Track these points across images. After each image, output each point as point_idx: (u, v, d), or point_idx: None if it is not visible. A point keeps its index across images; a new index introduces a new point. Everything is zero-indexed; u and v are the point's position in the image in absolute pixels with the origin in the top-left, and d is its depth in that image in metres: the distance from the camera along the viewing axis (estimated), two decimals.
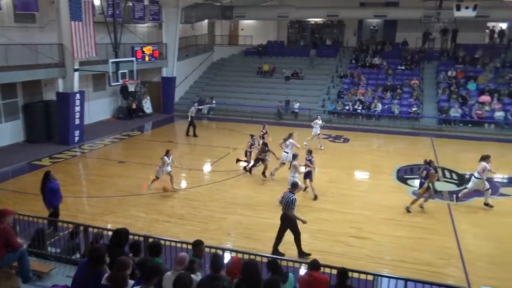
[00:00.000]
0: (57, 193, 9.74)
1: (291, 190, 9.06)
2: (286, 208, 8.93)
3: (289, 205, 8.86)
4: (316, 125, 18.47)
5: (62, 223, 8.76)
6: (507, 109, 21.67)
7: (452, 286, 7.01)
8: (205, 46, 30.69)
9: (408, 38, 29.03)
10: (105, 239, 7.24)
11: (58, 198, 9.80)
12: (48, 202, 9.59)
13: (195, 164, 16.02)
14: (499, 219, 11.38)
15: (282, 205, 9.13)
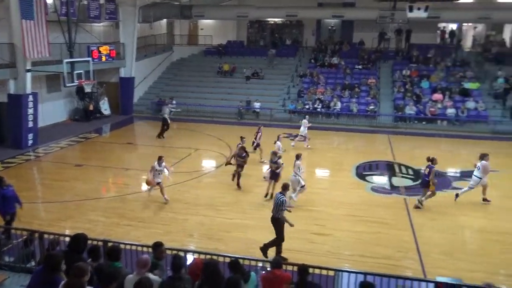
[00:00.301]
0: (11, 200, 9.35)
1: (282, 192, 8.87)
2: (275, 209, 8.77)
3: (278, 206, 8.70)
4: (305, 125, 18.68)
5: (16, 231, 8.41)
6: (457, 106, 22.64)
7: (409, 277, 7.26)
8: (164, 46, 30.27)
9: (364, 38, 29.79)
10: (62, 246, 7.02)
11: (13, 205, 9.39)
12: (2, 209, 9.19)
13: None
14: (451, 212, 11.90)
15: (272, 207, 8.95)
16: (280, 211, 8.72)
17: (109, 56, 22.73)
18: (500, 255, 9.46)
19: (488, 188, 12.41)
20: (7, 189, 9.28)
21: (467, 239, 10.23)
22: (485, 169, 12.23)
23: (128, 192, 13.02)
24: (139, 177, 14.59)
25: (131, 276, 5.20)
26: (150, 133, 22.04)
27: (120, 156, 17.38)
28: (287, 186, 9.15)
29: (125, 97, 25.03)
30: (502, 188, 13.76)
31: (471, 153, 18.05)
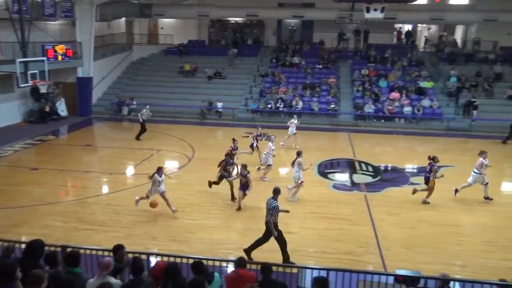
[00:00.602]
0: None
1: (274, 197, 8.74)
2: (267, 214, 8.69)
3: (270, 211, 8.61)
4: (292, 124, 18.72)
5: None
6: (414, 104, 23.43)
7: (370, 272, 7.46)
8: (123, 45, 29.64)
9: (324, 38, 30.31)
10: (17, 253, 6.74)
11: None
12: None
13: (117, 167, 15.44)
14: (409, 206, 12.31)
15: (266, 211, 8.79)
16: (270, 215, 8.57)
17: (65, 55, 22.07)
18: (455, 247, 9.88)
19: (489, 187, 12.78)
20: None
21: (425, 233, 10.59)
22: (479, 165, 12.68)
23: (88, 195, 12.67)
24: (99, 180, 14.27)
25: (92, 280, 5.09)
26: (110, 134, 21.60)
27: (79, 158, 16.87)
28: (278, 191, 8.94)
29: (83, 97, 24.33)
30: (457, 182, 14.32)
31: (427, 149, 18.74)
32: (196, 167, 15.63)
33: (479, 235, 10.47)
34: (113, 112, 24.51)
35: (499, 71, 25.63)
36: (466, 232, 10.65)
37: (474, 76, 25.46)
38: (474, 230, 10.76)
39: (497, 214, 11.87)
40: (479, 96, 23.79)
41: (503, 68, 25.85)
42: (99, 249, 7.14)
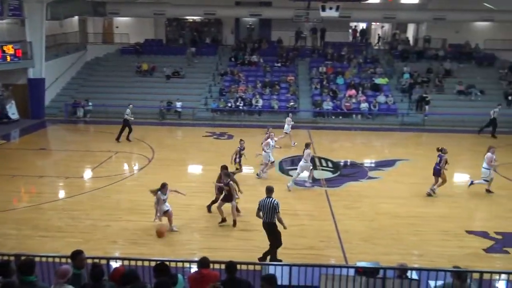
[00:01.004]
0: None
1: (269, 196, 8.56)
2: (269, 214, 8.44)
3: (274, 210, 8.41)
4: (288, 122, 18.76)
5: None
6: (370, 101, 24.07)
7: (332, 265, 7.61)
8: (77, 44, 28.69)
9: (282, 36, 30.56)
10: None
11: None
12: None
13: (73, 171, 14.94)
14: (368, 200, 12.65)
15: (263, 213, 8.54)
16: (276, 213, 8.46)
17: (14, 56, 21.15)
18: (412, 237, 10.25)
19: (493, 181, 13.23)
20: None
21: (383, 225, 10.92)
22: (488, 160, 13.06)
23: (43, 201, 12.19)
24: (55, 184, 13.79)
25: None
26: (66, 137, 20.88)
27: (33, 163, 16.19)
28: (272, 189, 8.74)
29: (35, 100, 23.34)
30: (413, 175, 14.89)
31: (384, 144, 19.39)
32: (156, 168, 15.39)
33: (435, 225, 10.92)
34: (67, 114, 23.69)
35: (448, 68, 26.77)
36: (422, 223, 11.06)
37: (425, 73, 26.47)
38: (430, 221, 11.19)
39: (452, 204, 12.41)
40: (431, 92, 24.75)
41: (452, 64, 27.01)
42: (56, 256, 6.89)
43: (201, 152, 17.83)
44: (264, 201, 8.54)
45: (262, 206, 8.53)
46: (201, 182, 14.09)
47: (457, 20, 28.72)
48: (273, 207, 8.42)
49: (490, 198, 12.86)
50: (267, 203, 8.47)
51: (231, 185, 10.75)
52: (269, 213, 8.46)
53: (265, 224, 8.63)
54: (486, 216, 11.56)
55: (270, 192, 8.65)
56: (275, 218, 8.52)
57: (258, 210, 8.65)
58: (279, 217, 8.54)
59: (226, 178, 10.83)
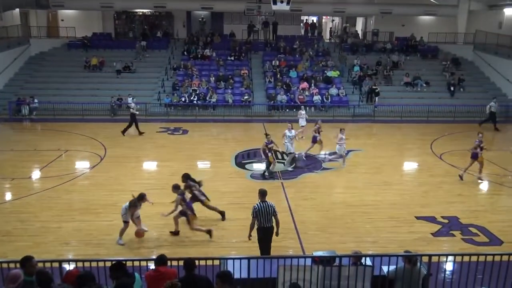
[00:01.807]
0: None
1: (264, 200, 8.10)
2: (269, 218, 8.05)
3: (273, 213, 8.04)
4: (302, 116, 18.91)
5: None
6: (322, 93, 24.52)
7: (289, 256, 7.74)
8: (19, 38, 27.23)
9: (235, 30, 30.50)
10: None
11: None
12: None
13: (20, 172, 14.25)
14: (322, 191, 12.96)
15: (260, 219, 8.04)
16: (275, 216, 8.09)
17: None
18: (366, 225, 10.61)
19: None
20: None
21: (338, 214, 11.22)
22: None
23: None
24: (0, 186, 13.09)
25: None
26: (10, 136, 19.85)
27: None
28: (266, 192, 8.27)
29: None
30: (365, 165, 15.37)
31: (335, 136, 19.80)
32: (109, 166, 14.98)
33: (386, 213, 11.35)
34: (11, 112, 22.50)
35: (396, 60, 27.75)
36: (374, 211, 11.45)
37: (374, 65, 27.31)
38: (382, 209, 11.62)
39: (402, 192, 12.92)
40: (380, 84, 25.57)
41: (399, 57, 28.03)
42: (4, 261, 6.55)
43: (156, 148, 17.53)
44: (261, 206, 8.03)
45: (259, 212, 8.00)
46: (157, 178, 13.88)
47: (403, 14, 29.90)
48: (273, 211, 8.06)
49: (437, 184, 13.51)
50: (265, 207, 8.01)
51: (196, 194, 10.34)
52: (268, 217, 8.05)
53: (263, 229, 8.12)
54: (434, 202, 12.13)
55: (265, 195, 8.19)
56: (275, 218, 8.15)
57: (254, 217, 8.09)
58: (278, 219, 8.20)
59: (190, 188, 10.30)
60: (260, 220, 8.05)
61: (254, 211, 8.06)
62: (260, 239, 8.22)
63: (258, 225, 8.11)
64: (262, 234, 8.15)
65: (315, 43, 29.99)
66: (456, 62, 27.75)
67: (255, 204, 8.11)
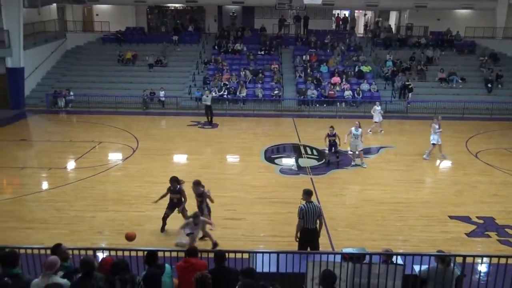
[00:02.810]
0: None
1: (310, 200, 7.81)
2: (314, 220, 7.75)
3: (319, 214, 7.77)
4: (376, 111, 18.78)
5: None
6: (353, 88, 24.18)
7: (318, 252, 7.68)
8: (56, 33, 28.02)
9: (265, 24, 30.39)
10: None
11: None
12: None
13: (56, 162, 14.71)
14: (352, 187, 12.83)
15: (309, 219, 7.73)
16: (319, 218, 7.82)
17: None
18: (396, 223, 10.43)
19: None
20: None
21: (368, 211, 11.07)
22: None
23: (25, 192, 12.00)
24: (38, 176, 13.59)
25: (36, 281, 4.87)
26: (47, 128, 20.52)
27: (13, 154, 15.89)
28: (311, 192, 8.01)
29: (14, 89, 22.82)
30: (397, 162, 15.10)
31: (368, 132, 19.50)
32: (141, 158, 15.27)
33: (419, 211, 11.11)
34: (48, 104, 23.24)
35: (430, 55, 27.03)
36: (406, 209, 11.24)
37: (408, 60, 26.68)
38: (414, 207, 11.38)
39: (434, 190, 12.65)
40: (413, 79, 24.99)
41: (434, 52, 27.28)
42: (41, 248, 6.79)
43: (186, 141, 17.73)
44: (307, 207, 7.71)
45: (306, 213, 7.68)
46: (187, 171, 14.03)
47: (438, 7, 28.98)
48: (319, 212, 7.82)
49: (472, 183, 13.12)
50: (311, 208, 7.72)
51: (206, 193, 9.55)
52: (313, 219, 7.73)
53: (307, 231, 7.80)
54: (468, 201, 11.80)
55: (310, 195, 7.90)
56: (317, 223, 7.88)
57: (301, 219, 7.75)
58: (321, 221, 7.98)
59: (197, 188, 9.46)
60: (305, 221, 7.74)
61: (300, 212, 7.71)
62: (302, 240, 7.90)
63: (302, 226, 7.83)
64: (305, 235, 7.83)
65: (347, 37, 29.56)
66: (494, 58, 26.76)
67: (301, 204, 7.82)
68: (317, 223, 7.83)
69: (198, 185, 9.41)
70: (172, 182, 9.59)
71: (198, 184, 9.42)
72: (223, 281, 5.51)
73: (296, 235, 7.96)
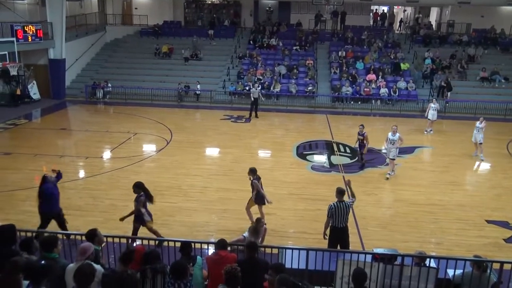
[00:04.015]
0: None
1: (341, 199, 7.72)
2: (344, 218, 7.71)
3: (348, 213, 7.74)
4: (433, 108, 18.21)
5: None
6: (390, 86, 23.69)
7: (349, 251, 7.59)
8: (96, 25, 28.81)
9: (301, 20, 30.17)
10: None
11: None
12: None
13: (93, 151, 15.16)
14: (386, 187, 12.56)
15: (336, 219, 7.68)
16: (348, 216, 7.75)
17: (36, 36, 21.34)
18: (430, 225, 10.15)
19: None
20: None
21: (401, 212, 10.84)
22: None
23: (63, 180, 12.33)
24: (75, 164, 14.02)
25: (72, 265, 5.02)
26: (85, 118, 21.14)
27: (53, 142, 16.49)
28: (344, 191, 7.85)
29: (56, 80, 23.64)
30: (433, 163, 14.71)
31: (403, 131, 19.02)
32: (174, 150, 15.51)
33: (454, 214, 10.78)
34: (87, 95, 23.94)
35: (472, 53, 26.10)
36: (441, 211, 10.92)
37: (448, 58, 25.86)
38: (449, 209, 11.05)
39: (472, 193, 12.23)
40: (453, 78, 24.21)
41: (476, 50, 26.32)
42: (77, 234, 7.01)
43: (218, 134, 17.86)
44: (337, 205, 7.63)
45: (335, 212, 7.62)
46: (219, 165, 14.17)
47: (483, 4, 27.88)
48: (348, 210, 7.71)
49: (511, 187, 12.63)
50: (341, 207, 7.63)
51: (255, 184, 9.53)
52: (343, 218, 7.68)
53: (337, 229, 7.73)
54: (508, 206, 11.34)
55: (343, 194, 7.77)
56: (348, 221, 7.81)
57: (329, 217, 7.72)
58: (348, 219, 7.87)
59: (252, 174, 9.61)
60: (334, 220, 7.68)
61: (330, 210, 7.64)
62: (332, 238, 7.86)
63: (332, 224, 7.76)
64: (335, 234, 7.77)
65: (384, 33, 28.93)
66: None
67: (331, 203, 7.73)
68: (348, 222, 7.69)
69: (254, 173, 9.59)
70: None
71: (254, 171, 9.60)
72: (253, 271, 5.54)
73: (324, 232, 7.90)
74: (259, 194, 9.52)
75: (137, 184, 8.64)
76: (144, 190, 8.56)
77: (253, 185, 9.52)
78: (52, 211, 8.68)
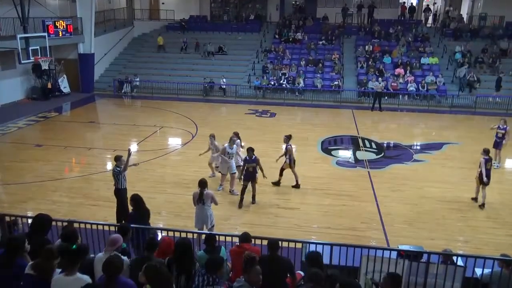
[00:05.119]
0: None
1: None
2: None
3: None
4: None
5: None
6: (418, 81, 23.21)
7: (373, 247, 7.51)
8: (124, 20, 29.27)
9: (328, 13, 29.85)
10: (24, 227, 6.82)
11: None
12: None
13: (120, 144, 15.42)
14: (412, 183, 12.32)
15: None
16: None
17: (66, 31, 21.85)
18: (458, 223, 9.93)
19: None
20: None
21: (427, 209, 10.64)
22: None
23: (92, 171, 12.74)
24: (103, 156, 14.32)
25: (100, 255, 5.15)
26: (113, 111, 21.55)
27: (82, 135, 16.91)
28: None
29: (85, 74, 24.18)
30: (461, 160, 14.35)
31: (431, 126, 18.67)
32: (199, 143, 15.60)
33: (483, 212, 10.52)
34: (115, 89, 24.40)
35: (505, 47, 25.28)
36: (469, 209, 10.68)
37: (479, 52, 25.13)
38: (477, 207, 10.79)
39: (502, 191, 11.88)
40: (484, 73, 23.52)
41: (509, 44, 25.47)
42: (105, 224, 7.19)
43: (243, 129, 17.86)
44: None
45: None
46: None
47: None
48: None
49: None
50: None
51: (290, 149, 11.41)
52: None
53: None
54: None
55: None
56: None
57: None
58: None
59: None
60: None
61: None
62: None
63: None
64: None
65: (413, 27, 28.32)
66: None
67: None
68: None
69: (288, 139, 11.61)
70: (249, 151, 10.70)
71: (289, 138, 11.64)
72: (275, 269, 5.54)
73: None
74: (291, 158, 11.43)
75: (250, 148, 10.76)
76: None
77: (288, 149, 11.41)
78: None
